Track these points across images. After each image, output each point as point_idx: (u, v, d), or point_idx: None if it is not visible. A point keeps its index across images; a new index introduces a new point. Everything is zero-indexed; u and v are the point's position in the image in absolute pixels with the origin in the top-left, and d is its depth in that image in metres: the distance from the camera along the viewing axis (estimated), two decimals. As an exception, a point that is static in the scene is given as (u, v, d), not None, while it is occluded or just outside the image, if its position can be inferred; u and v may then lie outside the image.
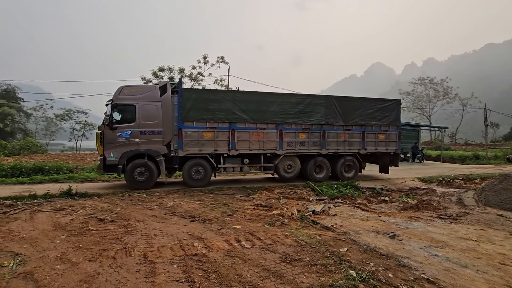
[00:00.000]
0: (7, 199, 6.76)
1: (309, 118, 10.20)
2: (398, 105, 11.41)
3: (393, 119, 11.13)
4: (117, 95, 8.78)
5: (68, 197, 7.23)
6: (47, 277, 3.02)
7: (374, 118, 10.87)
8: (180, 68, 23.00)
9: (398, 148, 11.25)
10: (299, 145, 10.15)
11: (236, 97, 9.74)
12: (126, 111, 8.90)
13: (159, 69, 22.41)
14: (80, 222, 5.03)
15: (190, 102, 9.16)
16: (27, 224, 4.93)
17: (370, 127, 10.90)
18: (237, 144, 9.46)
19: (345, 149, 10.62)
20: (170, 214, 5.70)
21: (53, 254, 3.65)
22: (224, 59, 23.52)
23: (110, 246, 3.93)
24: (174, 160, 9.06)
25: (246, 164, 9.79)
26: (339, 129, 10.55)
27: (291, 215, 5.79)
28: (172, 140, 8.99)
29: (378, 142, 10.97)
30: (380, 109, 10.99)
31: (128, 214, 5.56)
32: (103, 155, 8.47)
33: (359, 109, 10.75)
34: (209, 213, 5.83)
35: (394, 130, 11.21)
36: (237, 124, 9.48)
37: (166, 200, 6.94)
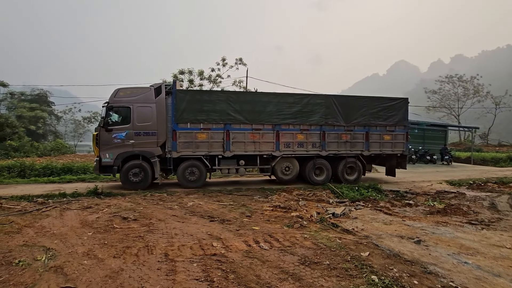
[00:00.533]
0: (40, 197, 7.20)
1: (308, 118, 9.86)
2: (405, 104, 10.69)
3: (400, 118, 10.49)
4: (113, 97, 8.98)
5: (95, 196, 7.57)
6: (75, 272, 3.18)
7: (378, 117, 10.31)
8: (200, 70, 23.47)
9: (405, 150, 10.64)
10: (297, 146, 9.84)
11: (230, 98, 9.58)
12: (122, 113, 9.01)
13: (179, 72, 22.99)
14: (106, 220, 5.25)
15: (184, 103, 9.09)
16: (57, 221, 5.21)
17: (375, 127, 10.35)
18: (232, 146, 9.32)
19: (347, 150, 10.17)
20: (190, 214, 5.81)
21: (80, 250, 3.83)
22: (242, 61, 23.72)
23: (133, 243, 4.07)
24: (168, 161, 9.04)
25: (242, 165, 9.61)
26: (340, 129, 10.10)
27: (310, 217, 5.70)
28: (166, 141, 9.05)
29: (383, 143, 10.41)
30: (386, 108, 10.40)
31: (150, 213, 5.73)
32: (99, 156, 8.72)
33: (362, 108, 10.23)
34: (228, 214, 5.88)
35: (401, 131, 10.58)
36: (232, 125, 9.34)
37: (186, 200, 7.08)
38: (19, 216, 5.38)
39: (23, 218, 5.30)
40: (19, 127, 26.16)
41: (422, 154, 19.16)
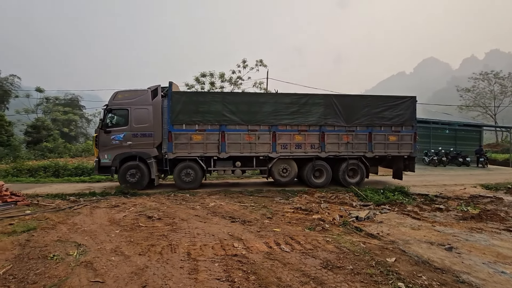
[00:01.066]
0: (72, 196, 7.65)
1: (306, 118, 9.56)
2: (413, 102, 10.10)
3: (406, 118, 9.94)
4: (111, 100, 9.21)
5: (122, 195, 7.90)
6: (104, 267, 3.32)
7: (383, 117, 9.83)
8: (221, 73, 23.83)
9: (413, 151, 10.06)
10: (294, 148, 9.59)
11: (226, 99, 9.58)
12: (120, 115, 9.33)
13: (201, 74, 23.49)
14: (132, 218, 5.46)
15: (180, 105, 9.14)
16: (88, 218, 5.50)
17: (379, 127, 9.87)
18: (228, 147, 9.27)
19: (348, 152, 9.77)
20: (212, 215, 5.88)
21: (108, 246, 4.00)
22: (262, 62, 23.79)
23: (157, 242, 4.19)
24: (164, 163, 9.14)
25: (238, 167, 9.54)
26: (341, 130, 9.72)
27: (333, 221, 5.57)
28: (162, 143, 9.18)
29: (388, 144, 9.91)
30: (391, 107, 9.89)
31: (173, 213, 5.88)
32: (98, 157, 9.00)
33: (365, 108, 9.80)
34: (249, 215, 5.89)
35: (409, 131, 10.01)
36: (227, 126, 9.28)
37: (208, 201, 7.19)
38: (53, 213, 5.74)
39: (57, 215, 5.65)
40: (53, 130, 28.06)
41: (454, 156, 18.11)
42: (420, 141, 21.07)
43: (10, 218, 5.22)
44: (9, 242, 4.05)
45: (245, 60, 23.88)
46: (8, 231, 4.53)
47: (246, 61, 23.88)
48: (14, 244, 4.01)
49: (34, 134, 25.57)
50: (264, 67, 23.83)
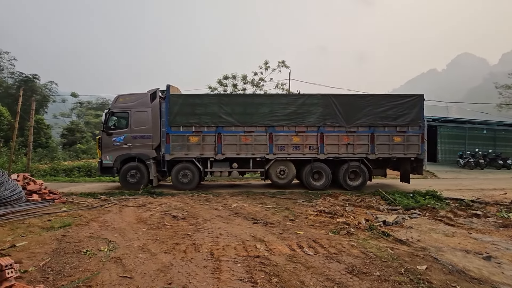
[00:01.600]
0: (103, 195, 8.07)
1: (304, 119, 9.34)
2: (419, 101, 9.54)
3: (413, 118, 9.38)
4: (113, 103, 9.69)
5: (148, 195, 8.21)
6: (132, 263, 3.46)
7: (386, 117, 9.37)
8: (243, 75, 24.05)
9: (421, 153, 9.45)
10: (292, 149, 9.41)
11: (222, 101, 9.55)
12: (121, 117, 9.70)
13: (223, 77, 23.85)
14: (158, 217, 5.64)
15: (177, 107, 9.32)
16: (117, 216, 5.76)
17: (382, 128, 9.42)
18: (224, 148, 9.30)
19: (349, 153, 9.40)
20: (234, 215, 5.93)
21: (136, 244, 4.16)
22: (285, 63, 23.67)
23: (181, 241, 4.29)
24: (162, 164, 9.40)
25: (234, 168, 9.50)
26: (340, 131, 9.39)
27: (358, 225, 5.38)
28: (160, 144, 9.42)
29: (393, 146, 9.41)
30: (395, 106, 9.39)
31: (197, 213, 6.00)
32: (101, 158, 9.43)
33: (366, 107, 9.40)
34: (271, 217, 5.86)
35: (415, 131, 9.46)
36: (223, 128, 9.31)
37: (230, 202, 7.25)
38: (86, 211, 6.09)
39: (89, 212, 5.98)
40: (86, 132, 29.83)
41: (492, 158, 16.84)
42: (454, 142, 19.86)
43: (48, 215, 5.60)
44: (48, 237, 4.35)
45: (267, 61, 23.91)
46: (47, 227, 4.87)
47: (268, 62, 23.91)
48: (52, 238, 4.29)
49: (69, 136, 27.35)
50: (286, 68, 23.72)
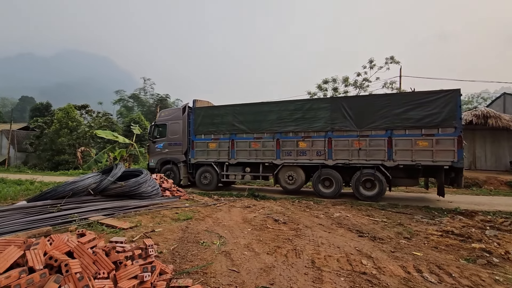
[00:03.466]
0: (216, 195, 9.16)
1: (310, 124, 9.17)
2: (453, 97, 7.83)
3: (444, 118, 7.84)
4: (157, 117, 12.12)
5: (252, 198, 8.80)
6: (238, 259, 3.75)
7: (408, 118, 8.18)
8: (344, 77, 22.88)
9: (458, 160, 7.69)
10: (299, 155, 9.32)
11: (235, 110, 10.35)
12: (161, 128, 11.79)
13: (323, 81, 23.33)
14: (261, 219, 5.95)
15: (200, 118, 10.80)
16: (227, 215, 6.41)
17: (402, 130, 8.24)
18: (237, 154, 10.11)
19: (361, 159, 8.58)
20: (337, 225, 5.60)
21: (242, 242, 4.50)
22: (394, 59, 21.13)
23: (283, 244, 4.36)
24: (189, 167, 11.07)
25: (247, 172, 10.16)
26: (351, 135, 8.70)
27: (505, 254, 4.11)
28: (188, 150, 11.11)
29: (417, 151, 8.09)
30: (419, 105, 8.09)
31: (297, 219, 5.99)
32: (148, 161, 11.99)
33: (383, 109, 8.41)
34: (380, 231, 5.22)
35: (448, 134, 7.82)
36: (236, 135, 10.15)
37: (332, 211, 6.91)
38: (203, 208, 7.05)
39: (205, 209, 6.90)
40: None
41: None
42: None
43: (176, 208, 6.80)
44: (176, 227, 5.26)
45: (372, 59, 21.95)
46: (175, 218, 5.90)
47: (373, 60, 21.93)
48: (178, 228, 5.16)
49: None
50: (396, 64, 21.13)
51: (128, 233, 4.69)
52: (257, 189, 10.86)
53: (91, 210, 5.66)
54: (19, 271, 2.05)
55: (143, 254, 3.07)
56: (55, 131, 25.00)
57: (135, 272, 2.66)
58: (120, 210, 6.02)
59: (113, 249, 2.85)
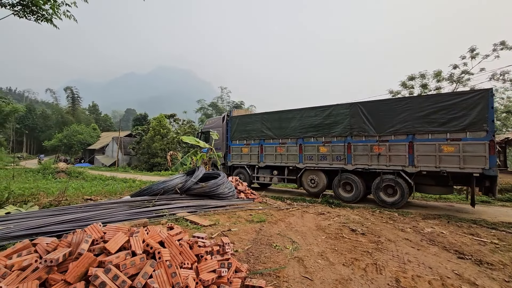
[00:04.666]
0: (288, 199, 9.11)
1: (330, 130, 9.52)
2: (483, 98, 7.00)
3: (473, 120, 7.08)
4: (203, 126, 14.08)
5: (327, 204, 8.42)
6: (312, 267, 3.62)
7: (431, 122, 7.66)
8: (436, 71, 19.95)
9: (490, 167, 6.80)
10: (319, 159, 9.72)
11: (263, 118, 11.34)
12: (206, 135, 13.17)
13: (408, 78, 20.86)
14: (336, 228, 5.63)
15: (235, 126, 12.20)
16: (299, 220, 6.29)
17: (425, 135, 7.75)
18: (265, 158, 11.11)
19: (381, 165, 8.47)
20: (428, 242, 4.85)
21: (315, 249, 4.33)
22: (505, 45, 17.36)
23: (361, 257, 4.02)
24: (227, 168, 12.57)
25: (274, 175, 10.91)
26: (371, 140, 8.70)
27: None
28: (226, 154, 12.62)
29: (442, 157, 7.49)
30: (444, 108, 7.50)
31: (378, 231, 5.45)
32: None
33: (403, 112, 8.13)
34: (489, 255, 4.28)
35: (479, 139, 7.00)
36: (265, 140, 11.16)
37: (423, 225, 6.03)
38: (275, 211, 7.10)
39: (278, 213, 6.93)
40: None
41: None
42: None
43: (250, 210, 7.04)
44: (250, 228, 5.44)
45: (474, 47, 18.51)
46: (249, 219, 6.12)
47: (475, 49, 18.48)
48: (252, 230, 5.33)
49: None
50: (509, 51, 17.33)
51: (207, 230, 5.08)
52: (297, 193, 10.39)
53: (177, 207, 6.36)
54: (125, 253, 2.43)
55: (220, 250, 3.26)
56: (150, 138, 29.32)
57: (213, 266, 2.85)
58: (201, 208, 6.58)
59: (196, 243, 3.11)
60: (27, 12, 7.00)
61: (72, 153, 44.92)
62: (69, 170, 17.46)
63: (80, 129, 45.84)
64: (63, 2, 7.25)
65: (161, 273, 2.36)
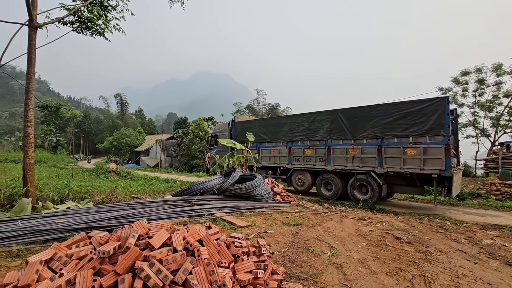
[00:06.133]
0: (326, 203, 8.83)
1: (314, 134, 10.49)
2: (441, 105, 7.72)
3: (431, 126, 7.84)
4: (213, 130, 16.47)
5: (368, 209, 8.00)
6: (352, 274, 3.45)
7: (396, 127, 8.50)
8: (496, 64, 17.91)
9: (446, 168, 7.55)
10: (305, 161, 10.77)
11: (261, 123, 12.74)
12: (215, 138, 15.20)
13: (461, 73, 19.02)
14: (378, 235, 5.31)
15: (238, 130, 13.62)
16: (338, 225, 6.06)
17: (392, 139, 8.59)
18: (261, 159, 12.32)
19: (355, 166, 9.43)
20: (487, 255, 4.34)
21: (356, 256, 4.13)
22: None
23: (406, 267, 3.73)
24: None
25: (269, 175, 12.06)
26: (346, 144, 9.65)
27: None
28: None
29: (406, 159, 8.32)
30: (408, 114, 8.31)
31: (427, 240, 5.02)
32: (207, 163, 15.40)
33: (374, 118, 8.98)
34: None
35: (436, 143, 7.75)
36: (261, 143, 12.43)
37: (480, 236, 5.43)
38: (312, 215, 6.93)
39: (315, 217, 6.75)
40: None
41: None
42: None
43: (286, 213, 6.96)
44: (286, 230, 5.38)
45: None
46: (285, 222, 6.05)
47: None
48: (289, 232, 5.26)
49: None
50: None
51: (244, 231, 5.14)
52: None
53: (215, 207, 6.54)
54: (167, 249, 2.56)
55: (257, 252, 3.27)
56: (190, 140, 30.66)
57: (250, 267, 2.86)
58: (238, 209, 6.69)
59: (233, 243, 3.16)
60: (83, 28, 7.81)
61: (121, 155, 48.86)
62: (119, 170, 18.99)
63: (128, 132, 49.72)
64: (113, 17, 7.96)
65: (200, 270, 2.44)
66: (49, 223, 4.46)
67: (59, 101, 11.20)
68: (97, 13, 7.61)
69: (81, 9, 7.49)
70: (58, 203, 6.73)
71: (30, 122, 6.26)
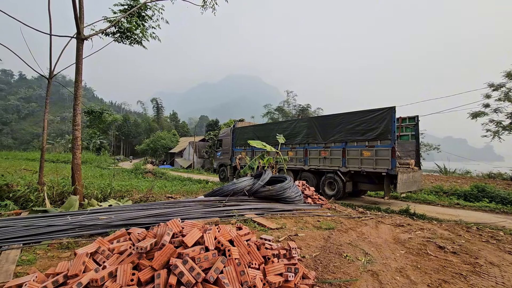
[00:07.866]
0: (360, 207, 8.46)
1: (295, 139, 12.18)
2: (388, 114, 9.06)
3: (381, 132, 9.20)
4: (219, 133, 18.06)
5: (407, 215, 7.52)
6: (388, 283, 3.26)
7: (356, 132, 9.92)
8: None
9: (392, 168, 8.88)
10: (289, 161, 12.06)
11: (255, 129, 14.55)
12: (220, 141, 17.35)
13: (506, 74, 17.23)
14: (418, 243, 4.96)
15: (237, 135, 15.45)
16: (373, 231, 5.77)
17: (353, 143, 10.02)
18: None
19: (325, 166, 10.89)
20: (549, 271, 3.84)
21: (393, 264, 3.89)
22: None
23: (451, 279, 3.43)
24: (231, 169, 15.59)
25: None
26: (320, 147, 11.13)
27: None
28: (231, 157, 15.61)
29: (363, 160, 9.73)
30: (364, 122, 9.69)
31: (476, 251, 4.58)
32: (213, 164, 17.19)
33: (339, 125, 10.45)
34: None
35: (385, 146, 9.10)
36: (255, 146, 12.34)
37: (539, 248, 4.81)
38: (345, 219, 6.68)
39: (348, 221, 6.50)
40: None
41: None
42: None
43: (318, 216, 6.80)
44: (318, 234, 5.25)
45: None
46: (317, 226, 5.91)
47: None
48: (320, 236, 5.12)
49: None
50: None
51: (274, 233, 5.11)
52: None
53: (246, 208, 6.59)
54: (199, 248, 2.62)
55: (287, 254, 3.22)
56: (221, 142, 31.32)
57: (280, 269, 2.82)
58: (268, 211, 6.67)
59: (263, 245, 3.15)
60: (123, 38, 8.38)
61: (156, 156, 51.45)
62: (155, 171, 20.01)
63: (163, 135, 52.22)
64: (150, 26, 8.43)
65: (231, 270, 2.46)
66: (93, 219, 4.83)
67: (102, 106, 12.31)
68: (135, 23, 8.12)
69: (121, 21, 8.05)
70: (101, 201, 7.27)
71: (78, 126, 6.85)
